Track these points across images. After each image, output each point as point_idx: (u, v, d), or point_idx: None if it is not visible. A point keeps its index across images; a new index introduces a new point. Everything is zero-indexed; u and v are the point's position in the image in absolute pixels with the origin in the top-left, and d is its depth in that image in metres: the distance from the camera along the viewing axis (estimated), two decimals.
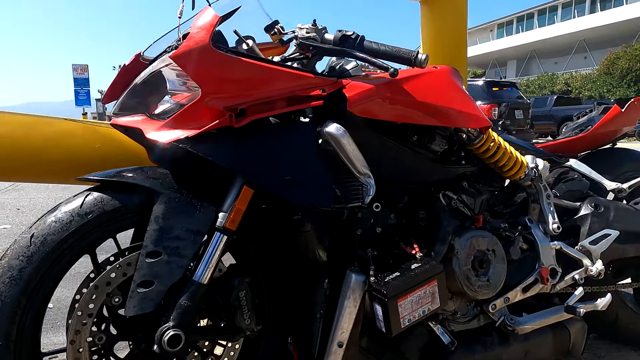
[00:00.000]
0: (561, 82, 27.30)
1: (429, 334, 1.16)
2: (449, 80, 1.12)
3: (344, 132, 0.99)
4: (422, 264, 1.00)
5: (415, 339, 1.14)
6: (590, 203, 1.35)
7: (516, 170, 1.24)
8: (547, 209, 1.28)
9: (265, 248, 1.09)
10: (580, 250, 1.29)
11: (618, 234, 1.31)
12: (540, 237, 1.25)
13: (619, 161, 1.57)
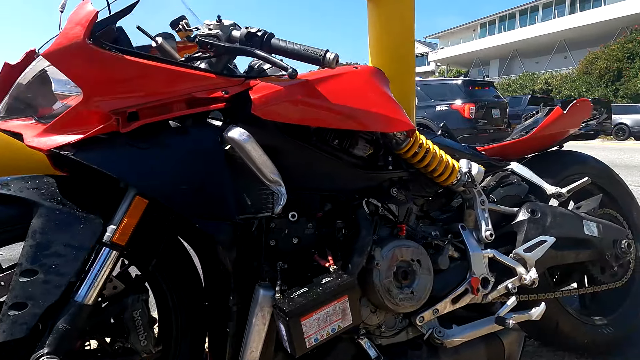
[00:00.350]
0: (542, 82, 27.70)
1: (355, 348, 1.10)
2: (369, 81, 1.06)
3: (248, 137, 0.92)
4: (333, 278, 0.93)
5: (339, 355, 1.08)
6: (527, 209, 1.30)
7: (447, 176, 1.19)
8: (480, 215, 1.23)
9: (171, 261, 1.01)
10: (514, 258, 1.24)
11: (554, 241, 1.27)
12: (472, 245, 1.20)
13: (564, 164, 1.53)
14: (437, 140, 1.27)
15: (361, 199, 1.09)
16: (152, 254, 0.96)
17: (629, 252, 1.41)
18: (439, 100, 8.70)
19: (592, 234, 1.36)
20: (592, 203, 1.46)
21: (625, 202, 1.62)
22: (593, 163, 1.58)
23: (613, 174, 1.61)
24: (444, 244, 1.16)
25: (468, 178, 1.22)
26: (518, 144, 1.47)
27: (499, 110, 8.87)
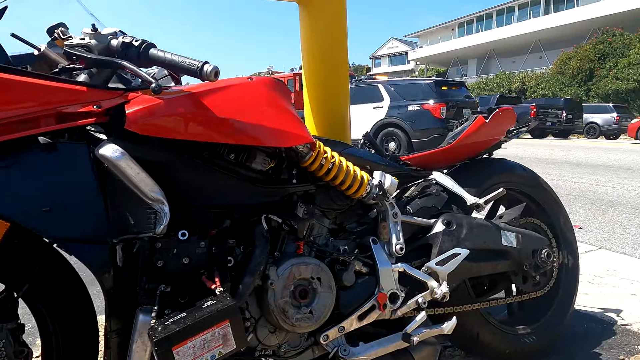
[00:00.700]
0: (517, 81, 28.26)
1: None
2: (263, 93, 1.02)
3: (122, 154, 0.86)
4: (215, 301, 0.89)
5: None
6: (443, 220, 1.28)
7: (356, 188, 1.15)
8: (392, 228, 1.21)
9: (51, 283, 0.95)
10: (426, 272, 1.22)
11: (468, 253, 1.25)
12: (381, 260, 1.17)
13: (490, 173, 1.52)
14: (350, 151, 1.24)
15: (260, 215, 1.05)
16: (23, 278, 0.90)
17: (549, 261, 1.41)
18: (411, 100, 8.74)
19: (510, 245, 1.35)
20: (514, 212, 1.46)
21: (552, 210, 1.62)
22: (519, 171, 1.58)
23: (540, 182, 1.62)
24: (350, 259, 1.13)
25: (379, 190, 1.19)
26: (442, 152, 1.45)
27: (470, 110, 8.96)
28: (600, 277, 2.59)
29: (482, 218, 1.38)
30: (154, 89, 0.82)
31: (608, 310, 1.92)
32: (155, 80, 0.81)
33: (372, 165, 1.27)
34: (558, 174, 7.02)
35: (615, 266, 3.01)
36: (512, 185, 1.56)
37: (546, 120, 16.66)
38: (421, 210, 1.31)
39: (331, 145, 1.20)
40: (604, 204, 4.88)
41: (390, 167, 1.31)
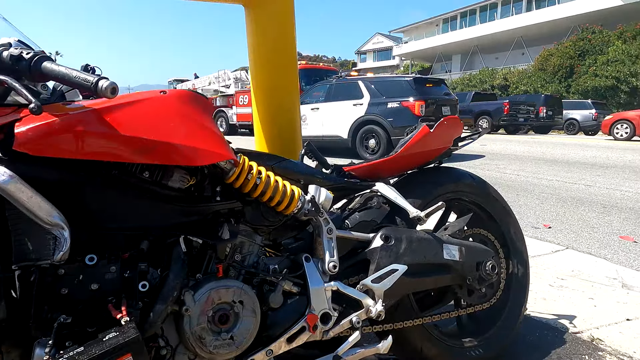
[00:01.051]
0: (500, 77, 28.54)
1: None
2: (176, 108, 0.96)
3: (10, 177, 0.80)
4: (117, 333, 0.83)
5: None
6: (381, 235, 1.24)
7: (286, 204, 1.11)
8: (326, 245, 1.16)
9: None
10: (361, 290, 1.18)
11: (406, 269, 1.22)
12: (313, 279, 1.12)
13: (437, 182, 1.49)
14: (283, 165, 1.19)
15: (178, 236, 0.99)
16: None
17: (493, 274, 1.39)
18: (391, 97, 8.73)
19: (452, 258, 1.32)
20: (459, 224, 1.43)
21: (501, 219, 1.60)
22: (468, 180, 1.55)
23: (489, 191, 1.59)
24: (278, 279, 1.09)
25: (311, 206, 1.14)
26: (387, 162, 1.41)
27: (449, 107, 8.99)
28: (563, 280, 2.60)
29: (426, 231, 1.35)
30: (33, 109, 0.75)
31: (562, 316, 1.92)
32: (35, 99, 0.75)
33: (307, 179, 1.22)
34: (534, 172, 7.10)
35: (579, 267, 3.03)
36: (461, 194, 1.53)
37: (518, 117, 17.13)
38: (360, 224, 1.27)
39: (263, 159, 1.15)
40: (575, 202, 4.93)
41: (327, 180, 1.26)
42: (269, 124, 1.69)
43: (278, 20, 1.64)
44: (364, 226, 1.27)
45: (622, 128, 13.88)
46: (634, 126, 13.45)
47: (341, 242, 1.21)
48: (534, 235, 3.75)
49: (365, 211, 1.29)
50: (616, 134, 14.12)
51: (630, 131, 13.54)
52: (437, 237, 1.33)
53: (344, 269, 1.20)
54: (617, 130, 14.11)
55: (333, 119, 9.52)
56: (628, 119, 13.68)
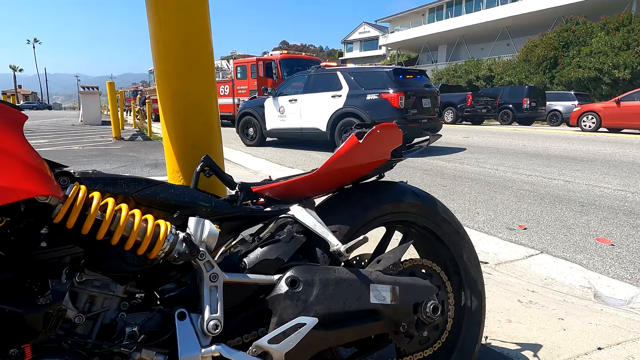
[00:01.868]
0: (485, 68, 28.43)
1: None
2: None
3: None
4: None
5: None
6: (287, 278, 0.98)
7: (145, 248, 0.83)
8: (206, 297, 0.89)
9: None
10: (254, 354, 0.91)
11: (316, 322, 0.95)
12: (185, 344, 0.85)
13: (372, 202, 1.22)
14: (149, 193, 0.90)
15: None
16: None
17: (435, 316, 1.13)
18: (370, 89, 8.47)
19: (381, 302, 1.06)
20: (395, 256, 1.16)
21: (453, 244, 1.35)
22: (411, 199, 1.28)
23: (437, 210, 1.33)
24: (132, 350, 0.81)
25: (186, 247, 0.87)
26: (309, 180, 1.14)
27: (430, 99, 8.77)
28: (533, 292, 2.39)
29: (349, 268, 1.08)
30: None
31: (526, 346, 1.69)
32: None
33: (186, 209, 0.94)
34: (514, 166, 6.92)
35: (553, 274, 2.83)
36: (403, 216, 1.27)
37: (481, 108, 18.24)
38: (262, 264, 0.99)
39: (119, 186, 0.87)
40: (553, 200, 4.75)
41: (218, 208, 0.98)
42: (180, 132, 1.40)
43: (188, 9, 1.34)
44: (267, 266, 1.00)
45: (588, 119, 14.26)
46: (599, 118, 13.81)
47: (236, 289, 0.95)
48: (509, 237, 3.55)
49: (270, 246, 1.02)
50: (583, 125, 14.44)
51: (597, 122, 13.91)
52: (364, 275, 1.07)
53: (237, 325, 0.93)
54: (584, 121, 14.45)
55: (311, 111, 9.22)
56: (594, 111, 14.05)
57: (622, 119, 13.16)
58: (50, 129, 16.14)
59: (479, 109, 18.08)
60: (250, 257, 1.00)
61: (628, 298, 2.47)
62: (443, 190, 5.16)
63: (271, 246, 1.01)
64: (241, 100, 13.94)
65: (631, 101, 12.94)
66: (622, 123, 13.23)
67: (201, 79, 1.40)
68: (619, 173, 6.30)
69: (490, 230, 3.71)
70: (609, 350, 1.68)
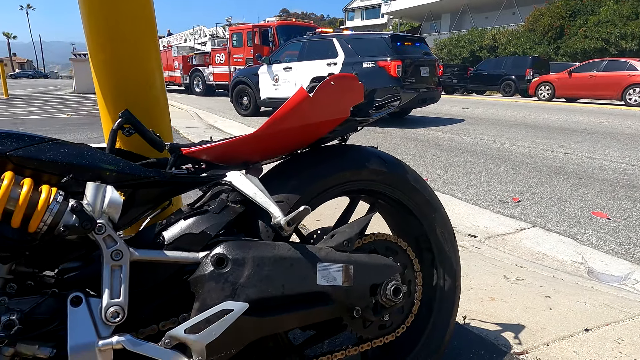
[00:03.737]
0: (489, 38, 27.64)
1: None
2: None
3: None
4: None
5: None
6: (212, 256, 0.82)
7: (19, 219, 0.67)
8: (106, 278, 0.73)
9: None
10: (166, 346, 0.76)
11: (245, 308, 0.80)
12: (77, 334, 0.70)
13: (328, 168, 1.05)
14: (33, 151, 0.73)
15: None
16: None
17: (396, 299, 0.98)
18: (366, 56, 8.15)
19: (330, 283, 0.91)
20: (351, 230, 1.00)
21: (425, 217, 1.18)
22: (376, 164, 1.11)
23: (407, 177, 1.16)
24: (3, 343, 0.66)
25: (76, 219, 0.70)
26: (250, 140, 0.96)
27: (428, 68, 8.46)
28: (522, 268, 2.25)
29: (292, 244, 0.92)
30: None
31: (507, 327, 1.56)
32: None
33: (85, 173, 0.77)
34: (512, 138, 6.71)
35: (544, 249, 2.70)
36: (367, 184, 1.11)
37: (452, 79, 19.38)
38: (184, 238, 0.83)
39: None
40: (550, 172, 4.59)
41: (128, 172, 0.81)
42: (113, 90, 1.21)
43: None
44: (192, 241, 0.84)
45: (544, 89, 15.19)
46: (554, 88, 14.80)
47: (150, 269, 0.79)
48: (501, 210, 3.41)
49: (197, 217, 0.85)
50: (540, 95, 15.36)
51: (551, 92, 14.92)
52: (311, 252, 0.90)
53: (152, 311, 0.78)
54: (540, 91, 15.33)
55: (306, 79, 8.91)
56: (549, 81, 15.05)
57: (573, 89, 14.09)
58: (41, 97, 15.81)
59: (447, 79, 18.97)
60: (170, 231, 0.84)
61: (622, 275, 2.34)
62: (437, 161, 4.98)
63: (197, 217, 0.85)
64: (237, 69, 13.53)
65: (581, 72, 13.92)
66: (573, 93, 14.34)
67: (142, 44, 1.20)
68: (620, 145, 6.11)
69: (483, 203, 3.57)
70: (596, 331, 1.55)
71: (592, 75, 13.49)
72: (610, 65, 13.50)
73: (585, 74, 13.73)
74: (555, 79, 14.83)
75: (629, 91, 12.71)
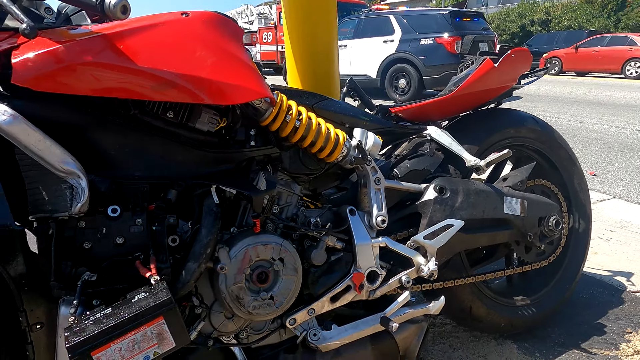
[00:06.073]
0: (541, 11, 26.29)
1: (221, 353, 0.95)
2: (203, 34, 0.79)
3: (13, 117, 0.68)
4: (147, 294, 0.74)
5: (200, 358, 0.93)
6: (435, 186, 1.10)
7: (329, 151, 0.96)
8: (373, 197, 1.03)
9: None
10: (412, 247, 1.06)
11: (462, 224, 1.08)
12: (359, 234, 1.00)
13: (495, 126, 1.30)
14: (325, 105, 1.03)
15: (209, 186, 0.87)
16: None
17: (556, 230, 1.23)
18: (424, 33, 8.15)
19: (513, 213, 1.17)
20: (521, 174, 1.26)
21: (565, 169, 1.42)
22: (531, 124, 1.35)
23: (555, 137, 1.39)
24: (321, 235, 0.97)
25: (358, 153, 0.99)
26: (441, 103, 1.22)
27: (487, 44, 8.35)
28: (612, 232, 2.43)
29: (483, 182, 1.19)
30: (24, 30, 0.61)
31: (617, 273, 1.77)
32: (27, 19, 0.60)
33: (352, 122, 1.06)
34: (576, 114, 6.64)
35: (628, 217, 2.83)
36: (522, 141, 1.35)
37: None
38: (411, 173, 1.12)
39: (301, 97, 0.99)
40: (622, 148, 4.59)
41: (374, 123, 1.10)
42: (304, 58, 1.50)
43: None
44: (415, 176, 1.12)
45: (552, 64, 15.26)
46: (561, 62, 15.06)
47: (389, 193, 1.08)
48: None
49: (416, 159, 1.14)
50: None
51: (559, 67, 15.11)
52: (497, 189, 1.17)
53: (391, 224, 1.07)
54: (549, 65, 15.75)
55: (361, 57, 9.03)
56: (557, 56, 15.35)
57: (579, 63, 14.56)
58: None
59: None
60: (399, 167, 1.12)
61: None
62: None
63: (417, 159, 1.13)
64: None
65: (587, 47, 14.55)
66: (580, 67, 14.60)
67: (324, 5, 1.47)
68: None
69: None
70: None
71: (595, 50, 14.18)
72: (613, 40, 14.28)
73: (590, 49, 14.41)
74: (563, 54, 15.33)
75: (628, 65, 13.25)
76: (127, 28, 0.73)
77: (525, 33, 25.52)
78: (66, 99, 0.74)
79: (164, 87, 0.74)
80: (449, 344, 1.37)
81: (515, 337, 1.38)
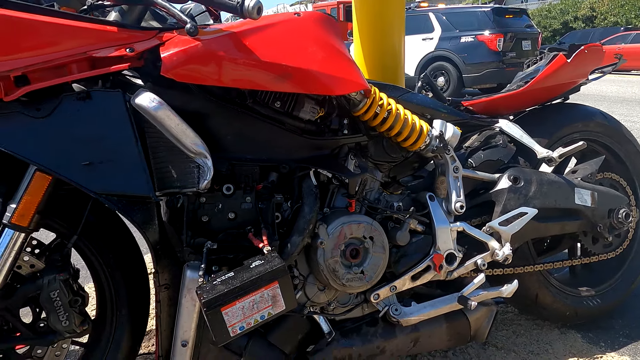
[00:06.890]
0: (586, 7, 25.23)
1: (308, 322, 1.05)
2: (312, 31, 0.89)
3: (160, 104, 0.79)
4: (264, 261, 0.85)
5: (289, 328, 1.03)
6: (509, 176, 1.15)
7: (414, 140, 1.04)
8: (452, 184, 1.09)
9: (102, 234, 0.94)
10: (487, 232, 1.12)
11: (536, 212, 1.13)
12: (439, 218, 1.07)
13: (565, 120, 1.34)
14: (407, 97, 1.11)
15: (309, 169, 0.97)
16: (71, 230, 0.89)
17: (626, 222, 1.26)
18: (465, 30, 8.04)
19: (583, 204, 1.21)
20: (591, 167, 1.29)
21: (634, 164, 1.43)
22: (599, 119, 1.38)
23: (623, 132, 1.41)
24: (405, 217, 1.05)
25: (439, 142, 1.06)
26: (511, 97, 1.27)
27: (530, 41, 8.17)
28: None
29: (552, 173, 1.23)
30: (189, 29, 0.72)
31: None
32: (191, 18, 0.71)
33: (432, 113, 1.13)
34: (626, 114, 6.39)
35: None
36: (590, 135, 1.37)
37: None
38: (485, 163, 1.18)
39: (387, 90, 1.07)
40: None
41: (452, 115, 1.17)
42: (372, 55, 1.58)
43: None
44: (489, 166, 1.18)
45: None
46: None
47: (466, 181, 1.14)
48: None
49: (490, 150, 1.19)
50: None
51: None
52: (569, 180, 1.21)
53: (466, 210, 1.14)
54: None
55: None
56: None
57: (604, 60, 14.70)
58: None
59: None
60: (474, 157, 1.18)
61: None
62: None
63: (491, 150, 1.19)
64: None
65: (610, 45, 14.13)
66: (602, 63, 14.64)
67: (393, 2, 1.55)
68: None
69: None
70: None
71: (619, 47, 14.00)
72: (636, 38, 14.46)
73: (614, 47, 14.23)
74: None
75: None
76: (251, 27, 0.83)
77: (568, 30, 24.58)
78: (194, 88, 0.85)
79: (282, 79, 0.84)
80: (512, 330, 1.41)
81: (578, 328, 1.41)
